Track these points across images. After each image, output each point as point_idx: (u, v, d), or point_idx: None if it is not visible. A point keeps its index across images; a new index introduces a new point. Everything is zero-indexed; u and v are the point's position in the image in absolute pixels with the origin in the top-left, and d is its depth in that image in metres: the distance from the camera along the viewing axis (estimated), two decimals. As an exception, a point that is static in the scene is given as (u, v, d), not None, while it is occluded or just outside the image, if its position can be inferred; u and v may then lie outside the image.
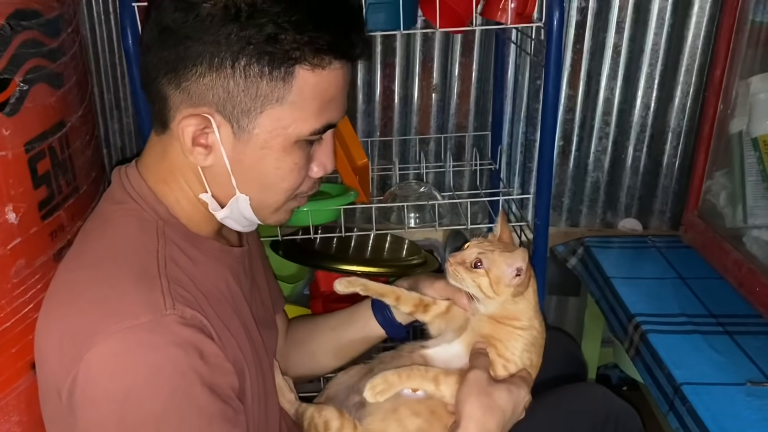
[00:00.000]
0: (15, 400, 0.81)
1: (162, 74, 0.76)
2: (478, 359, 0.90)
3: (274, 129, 0.77)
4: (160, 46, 0.75)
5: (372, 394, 0.88)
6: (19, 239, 0.79)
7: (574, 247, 1.67)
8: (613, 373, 1.87)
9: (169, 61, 0.75)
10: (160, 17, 0.75)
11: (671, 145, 1.72)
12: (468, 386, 0.86)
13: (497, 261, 0.90)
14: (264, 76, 0.74)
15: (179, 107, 0.77)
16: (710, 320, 1.32)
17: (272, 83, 0.74)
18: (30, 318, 0.81)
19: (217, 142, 0.77)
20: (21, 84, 0.78)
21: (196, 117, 0.76)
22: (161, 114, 0.79)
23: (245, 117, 0.76)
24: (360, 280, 1.01)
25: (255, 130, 0.77)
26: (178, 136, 0.77)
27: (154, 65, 0.77)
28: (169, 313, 0.71)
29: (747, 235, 1.36)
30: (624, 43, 1.64)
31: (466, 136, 1.74)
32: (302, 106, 0.77)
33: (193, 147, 0.77)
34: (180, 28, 0.73)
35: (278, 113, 0.76)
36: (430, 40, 1.66)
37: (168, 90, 0.77)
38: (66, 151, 0.89)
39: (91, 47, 1.70)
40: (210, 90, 0.75)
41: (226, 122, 0.76)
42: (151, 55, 0.77)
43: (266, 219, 0.86)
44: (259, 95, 0.75)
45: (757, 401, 1.10)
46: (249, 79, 0.74)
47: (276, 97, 0.75)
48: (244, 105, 0.75)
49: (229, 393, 0.77)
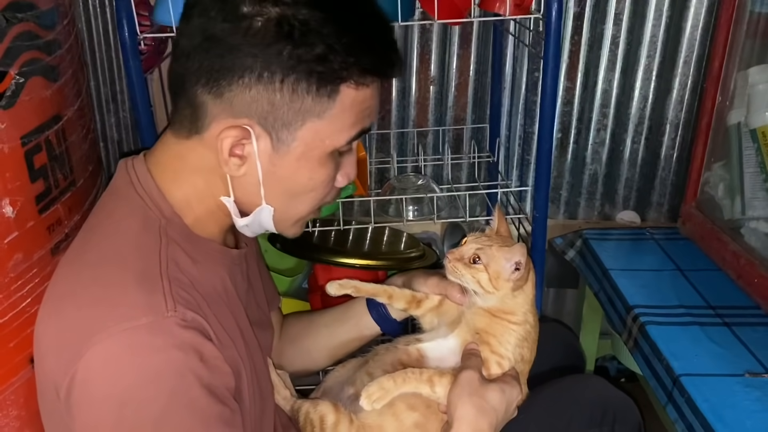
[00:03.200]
0: (13, 394, 0.81)
1: (202, 82, 0.76)
2: (470, 360, 0.90)
3: (312, 141, 0.78)
4: (202, 53, 0.75)
5: (368, 402, 0.87)
6: (16, 233, 0.78)
7: (573, 240, 1.67)
8: (611, 365, 1.87)
9: (213, 70, 0.75)
10: (206, 25, 0.75)
11: (669, 137, 1.72)
12: (460, 387, 0.86)
13: (496, 256, 0.90)
14: (311, 93, 0.75)
15: (217, 116, 0.76)
16: (708, 312, 1.32)
17: (317, 99, 0.75)
18: (28, 312, 0.80)
19: (253, 153, 0.77)
20: (17, 77, 0.78)
21: (237, 129, 0.76)
22: (192, 120, 0.79)
23: (285, 129, 0.76)
24: (351, 282, 1.02)
25: (294, 142, 0.77)
26: (212, 145, 0.77)
27: (192, 72, 0.76)
28: (170, 315, 0.71)
29: (745, 226, 1.37)
30: (622, 35, 1.64)
31: (464, 129, 1.74)
32: (341, 119, 0.78)
33: (230, 158, 0.77)
34: (229, 39, 0.73)
35: (318, 126, 0.77)
36: (427, 32, 1.65)
37: (206, 98, 0.76)
38: (63, 144, 0.89)
39: (87, 41, 1.69)
40: (254, 102, 0.75)
41: (265, 134, 0.77)
42: (190, 61, 0.76)
43: (285, 231, 0.87)
44: (303, 110, 0.76)
45: (756, 392, 1.10)
46: (295, 94, 0.75)
47: (318, 112, 0.76)
48: (287, 118, 0.76)
49: (226, 394, 0.77)
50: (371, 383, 0.88)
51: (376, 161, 1.73)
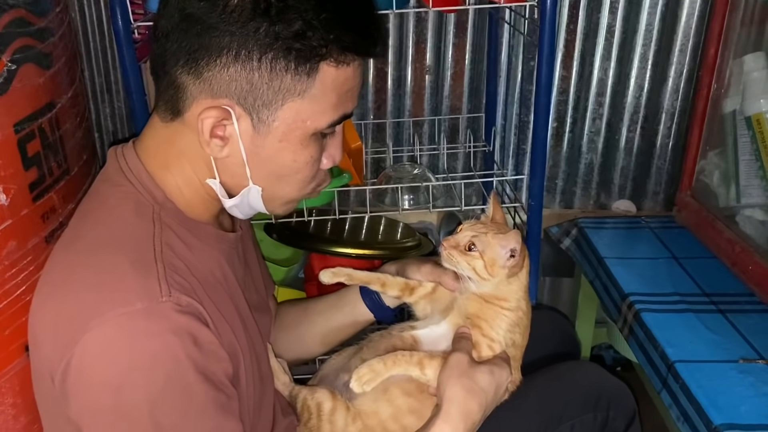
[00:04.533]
0: (9, 382, 0.81)
1: (181, 62, 0.75)
2: (459, 343, 0.90)
3: (293, 122, 0.77)
4: (181, 33, 0.74)
5: (359, 384, 0.87)
6: (10, 221, 0.78)
7: (568, 228, 1.67)
8: (606, 354, 1.88)
9: (191, 49, 0.74)
10: (183, 4, 0.74)
11: (665, 126, 1.72)
12: (449, 369, 0.87)
13: (491, 243, 0.91)
14: (289, 71, 0.74)
15: (197, 97, 0.76)
16: (703, 299, 1.33)
17: (296, 77, 0.75)
18: (23, 300, 0.80)
19: (235, 134, 0.77)
20: (9, 63, 0.77)
21: (217, 109, 0.75)
22: (174, 102, 0.78)
23: (266, 109, 0.76)
24: (344, 270, 1.02)
25: (275, 122, 0.77)
26: (194, 126, 0.77)
27: (172, 53, 0.75)
28: (164, 299, 0.71)
29: (740, 214, 1.37)
30: (618, 24, 1.63)
31: (459, 118, 1.74)
32: (322, 99, 0.77)
33: (211, 139, 0.77)
34: (206, 18, 0.73)
35: (298, 106, 0.76)
36: (423, 20, 1.65)
37: (185, 79, 0.76)
38: (56, 132, 0.88)
39: (80, 30, 1.68)
40: (233, 82, 0.74)
41: (246, 114, 0.76)
42: (169, 42, 0.75)
43: (275, 210, 0.87)
44: (282, 88, 0.75)
45: (750, 378, 1.11)
46: (274, 72, 0.74)
47: (298, 91, 0.76)
48: (266, 97, 0.75)
49: (222, 380, 0.77)
50: (361, 365, 0.89)
51: (372, 151, 1.72)
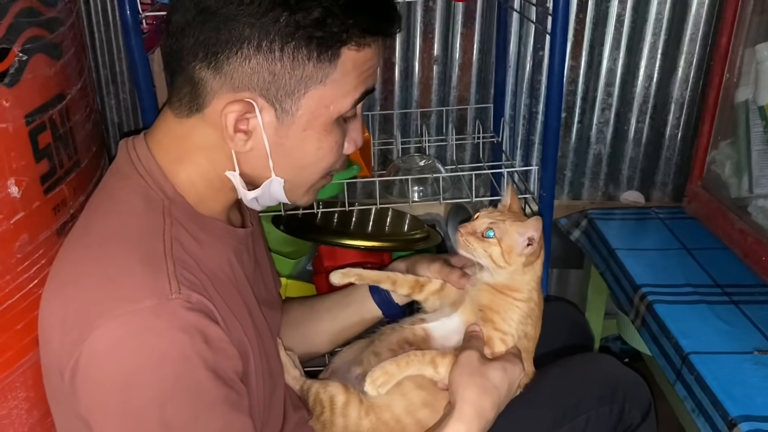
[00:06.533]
0: (22, 376, 0.80)
1: (199, 57, 0.74)
2: (470, 341, 0.90)
3: (317, 109, 0.76)
4: (197, 27, 0.73)
5: (373, 387, 0.87)
6: (21, 213, 0.77)
7: (578, 220, 1.66)
8: (614, 345, 1.87)
9: (209, 43, 0.73)
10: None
11: (674, 116, 1.71)
12: (460, 367, 0.86)
13: (509, 230, 0.90)
14: (311, 59, 0.74)
15: (218, 92, 0.75)
16: (716, 290, 1.32)
17: (319, 65, 0.74)
18: (35, 294, 0.79)
19: (258, 126, 0.76)
20: (20, 54, 0.76)
21: (239, 102, 0.74)
22: (192, 98, 0.77)
23: (289, 99, 0.75)
24: (354, 270, 1.02)
25: (299, 111, 0.76)
26: (214, 122, 0.76)
27: (189, 48, 0.74)
28: (174, 297, 0.70)
29: (752, 204, 1.36)
30: (627, 13, 1.62)
31: (468, 109, 1.73)
32: (343, 83, 0.77)
33: (235, 134, 0.76)
34: (224, 10, 0.71)
35: (321, 93, 0.76)
36: (431, 9, 1.63)
37: (205, 74, 0.75)
38: (66, 124, 0.87)
39: (86, 20, 1.66)
40: (255, 74, 0.73)
41: (269, 106, 0.75)
42: (185, 37, 0.74)
43: (297, 200, 0.86)
44: (305, 77, 0.74)
45: (765, 369, 1.10)
46: (296, 61, 0.73)
47: (320, 78, 0.75)
48: (289, 87, 0.74)
49: (232, 377, 0.76)
50: (375, 368, 0.88)
51: (380, 142, 1.71)
